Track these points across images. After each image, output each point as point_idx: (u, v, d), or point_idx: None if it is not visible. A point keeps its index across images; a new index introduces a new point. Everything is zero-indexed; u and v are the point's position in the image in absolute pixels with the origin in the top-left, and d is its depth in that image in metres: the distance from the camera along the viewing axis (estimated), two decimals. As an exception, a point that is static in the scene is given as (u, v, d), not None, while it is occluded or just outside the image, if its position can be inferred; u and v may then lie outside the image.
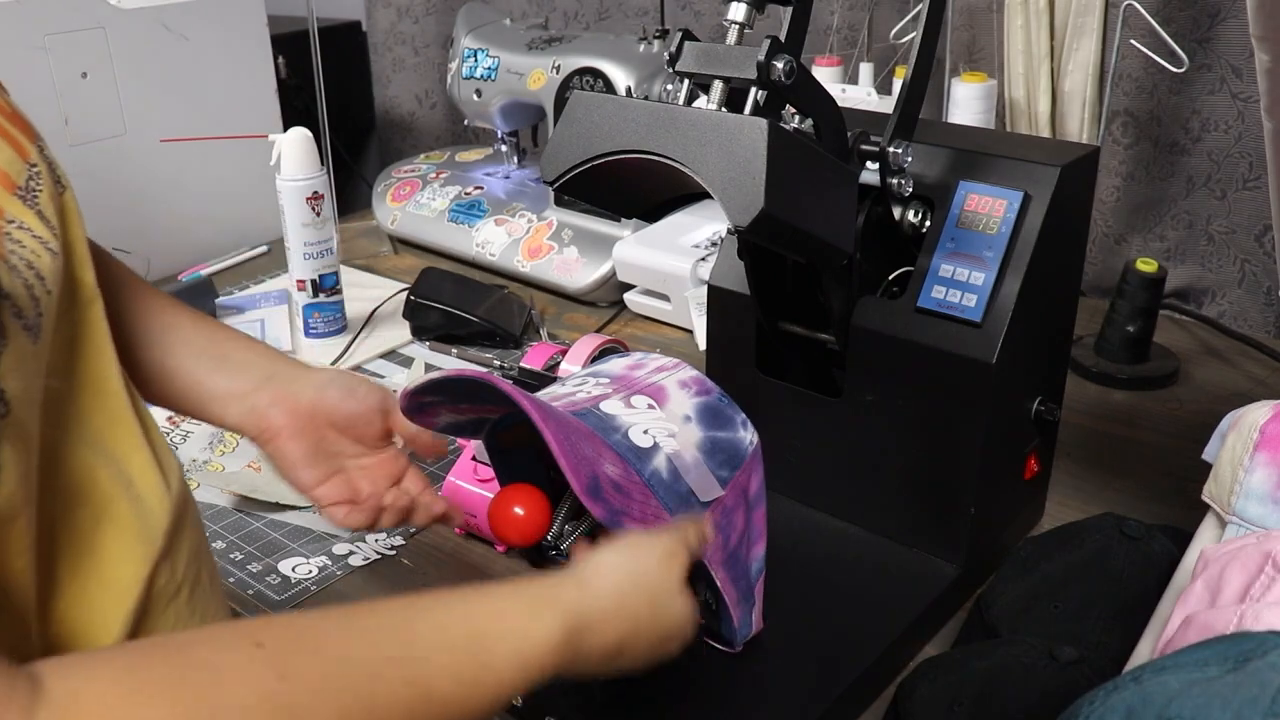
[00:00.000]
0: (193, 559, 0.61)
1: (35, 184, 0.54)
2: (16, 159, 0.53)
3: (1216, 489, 0.69)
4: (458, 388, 0.63)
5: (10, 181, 0.52)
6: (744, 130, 0.60)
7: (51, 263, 0.51)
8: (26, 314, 0.48)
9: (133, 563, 0.56)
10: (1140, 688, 0.47)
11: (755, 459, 0.70)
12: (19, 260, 0.49)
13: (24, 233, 0.50)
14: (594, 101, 0.66)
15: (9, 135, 0.54)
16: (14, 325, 0.46)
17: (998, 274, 0.74)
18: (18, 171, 0.53)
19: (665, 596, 0.58)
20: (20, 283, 0.48)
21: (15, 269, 0.48)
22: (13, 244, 0.49)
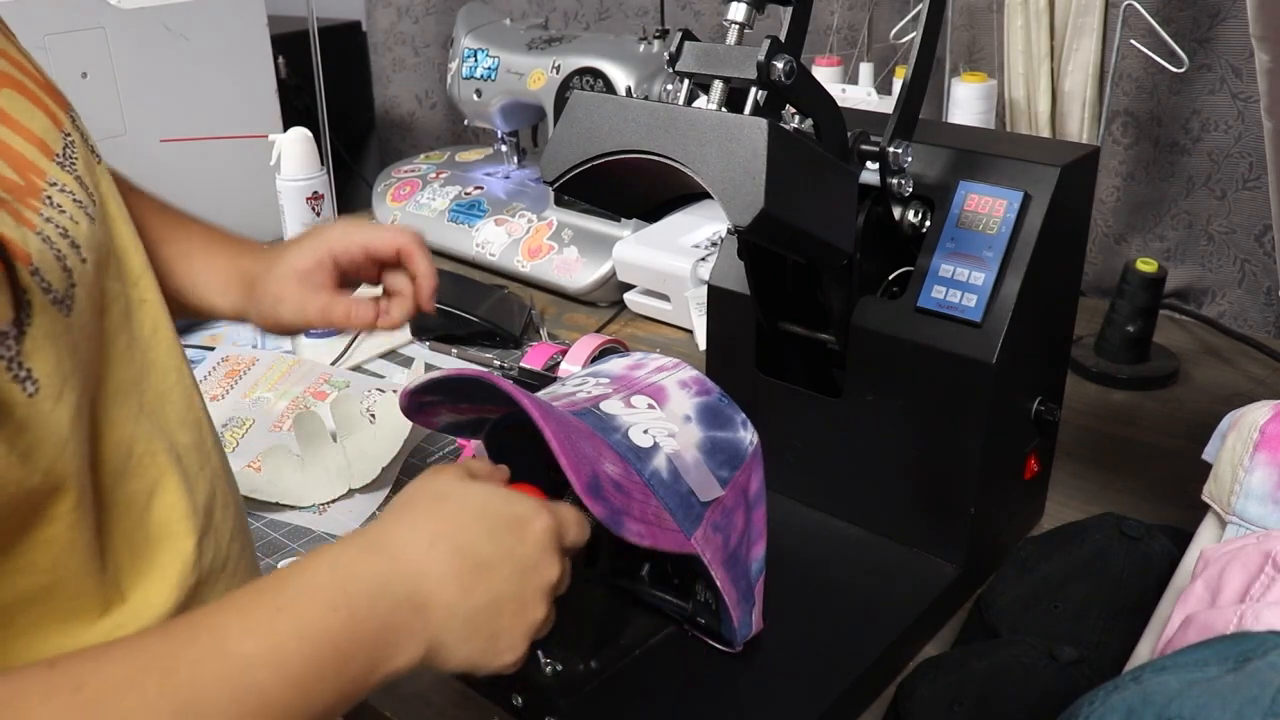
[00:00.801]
0: (236, 532, 0.62)
1: (71, 152, 0.54)
2: (52, 127, 0.54)
3: (1216, 489, 0.69)
4: (458, 387, 0.63)
5: (49, 148, 0.52)
6: (744, 130, 0.60)
7: (89, 228, 0.52)
8: (56, 287, 0.48)
9: (184, 535, 0.57)
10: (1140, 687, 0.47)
11: (755, 459, 0.70)
12: (53, 229, 0.49)
13: (65, 196, 0.51)
14: (594, 101, 0.66)
15: (44, 105, 0.55)
16: (42, 301, 0.47)
17: (998, 274, 0.74)
18: (54, 139, 0.54)
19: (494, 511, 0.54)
20: (52, 254, 0.48)
21: (48, 239, 0.48)
22: (50, 209, 0.49)
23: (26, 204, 0.48)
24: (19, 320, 0.45)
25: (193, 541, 0.57)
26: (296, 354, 1.23)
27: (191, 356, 1.20)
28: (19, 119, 0.52)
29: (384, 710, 0.73)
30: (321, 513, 0.95)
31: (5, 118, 0.51)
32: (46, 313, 0.47)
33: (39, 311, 0.46)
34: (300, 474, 0.97)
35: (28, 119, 0.52)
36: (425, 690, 0.75)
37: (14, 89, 0.53)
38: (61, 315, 0.48)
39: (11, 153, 0.50)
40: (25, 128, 0.52)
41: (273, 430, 1.04)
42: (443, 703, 0.74)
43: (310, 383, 1.11)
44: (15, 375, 0.45)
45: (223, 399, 1.10)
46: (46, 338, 0.47)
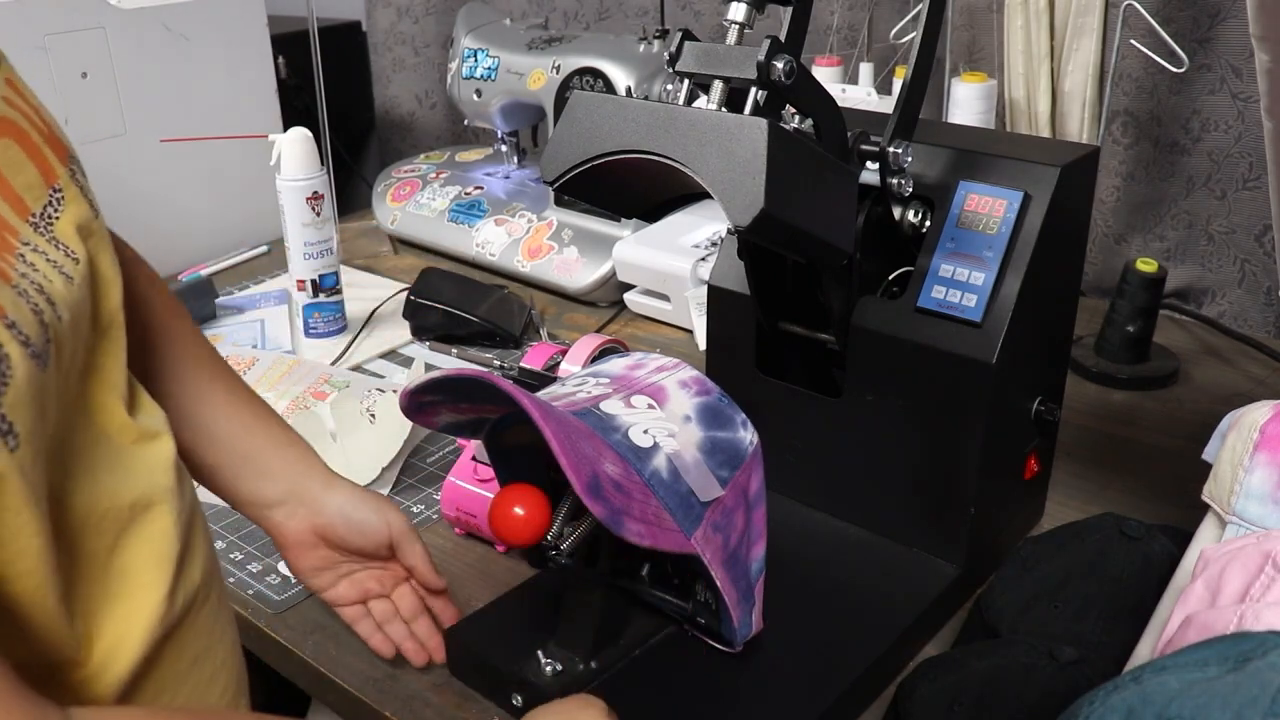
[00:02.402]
0: (210, 570, 0.61)
1: (53, 210, 0.53)
2: (40, 182, 0.53)
3: (1216, 489, 0.69)
4: (458, 387, 0.63)
5: (24, 207, 0.51)
6: (744, 130, 0.60)
7: (65, 287, 0.50)
8: (34, 341, 0.47)
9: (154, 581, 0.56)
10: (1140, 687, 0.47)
11: (755, 459, 0.70)
12: (29, 284, 0.48)
13: (37, 256, 0.50)
14: (594, 101, 0.66)
15: (40, 157, 0.53)
16: (20, 353, 0.46)
17: (998, 274, 0.74)
18: (36, 197, 0.52)
19: None
20: (28, 307, 0.47)
21: (24, 293, 0.47)
22: (24, 266, 0.48)
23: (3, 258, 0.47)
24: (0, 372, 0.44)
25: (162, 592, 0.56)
26: (296, 354, 1.23)
27: (191, 356, 1.20)
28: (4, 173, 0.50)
29: (384, 710, 0.73)
30: (321, 513, 0.95)
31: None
32: (26, 368, 0.46)
33: (17, 364, 0.45)
34: (300, 474, 0.97)
35: (14, 172, 0.51)
36: (425, 690, 0.75)
37: (13, 138, 0.51)
38: (39, 369, 0.47)
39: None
40: (6, 183, 0.50)
41: (273, 430, 1.04)
42: (443, 703, 0.74)
43: (310, 383, 1.11)
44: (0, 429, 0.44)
45: (223, 399, 1.10)
46: (27, 392, 0.46)
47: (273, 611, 0.84)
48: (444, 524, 0.92)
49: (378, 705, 0.74)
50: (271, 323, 1.30)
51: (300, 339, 1.26)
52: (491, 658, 0.73)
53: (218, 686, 0.59)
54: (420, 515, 0.95)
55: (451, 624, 0.76)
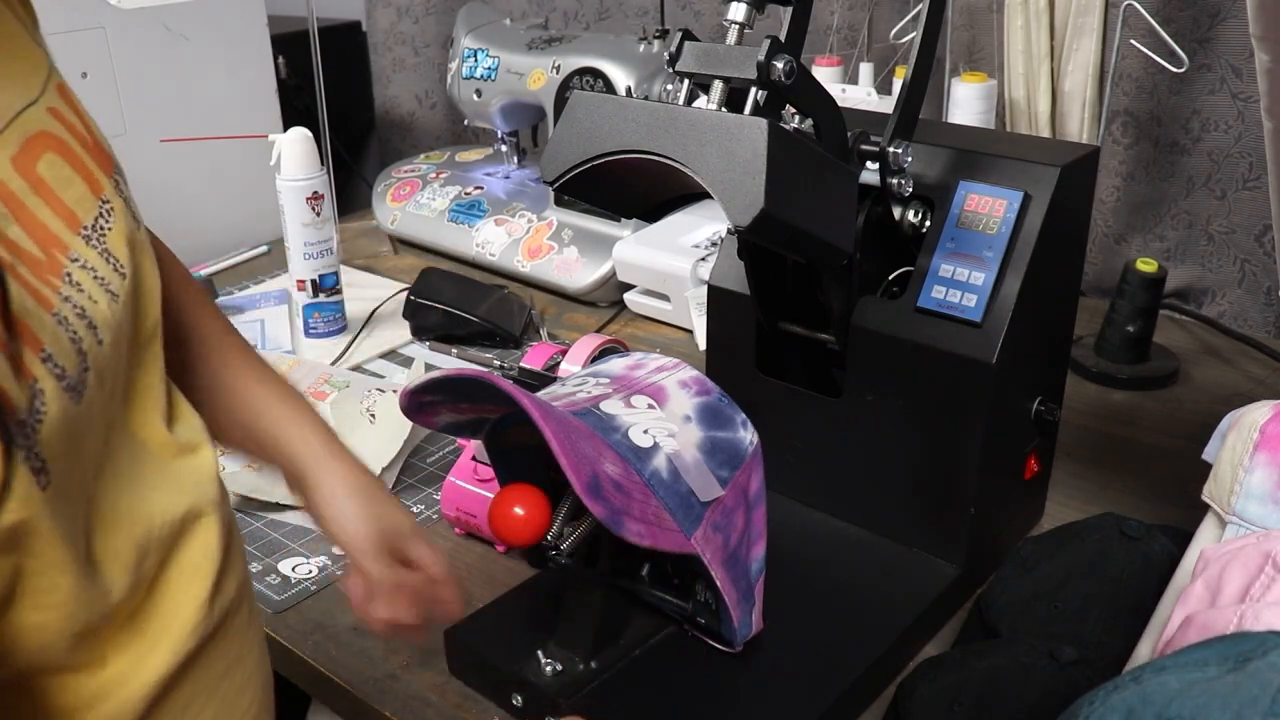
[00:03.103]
0: (244, 578, 0.61)
1: (104, 222, 0.52)
2: (89, 195, 0.52)
3: (1216, 489, 0.69)
4: (458, 387, 0.63)
5: (76, 220, 0.50)
6: (744, 130, 0.60)
7: (109, 307, 0.50)
8: (70, 374, 0.46)
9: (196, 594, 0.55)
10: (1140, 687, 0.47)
11: (755, 459, 0.70)
12: (70, 310, 0.47)
13: (85, 273, 0.49)
14: (594, 101, 0.66)
15: (85, 169, 0.52)
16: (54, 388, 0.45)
17: (998, 274, 0.74)
18: (87, 209, 0.51)
19: None
20: (67, 337, 0.46)
21: (65, 321, 0.47)
22: (70, 288, 0.48)
23: (46, 281, 0.47)
24: (33, 409, 0.43)
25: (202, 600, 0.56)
26: (296, 354, 1.23)
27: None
28: (54, 188, 0.50)
29: (384, 710, 0.73)
30: (321, 513, 0.95)
31: (41, 186, 0.49)
32: (59, 400, 0.45)
33: (51, 400, 0.44)
34: (300, 474, 0.97)
35: (63, 187, 0.50)
36: (425, 690, 0.75)
37: (57, 152, 0.51)
38: (74, 402, 0.46)
39: (38, 226, 0.48)
40: (58, 198, 0.50)
41: (273, 430, 1.04)
42: (443, 703, 0.74)
43: (310, 383, 1.11)
44: (32, 466, 0.43)
45: (223, 399, 1.10)
46: (61, 428, 0.45)
47: (272, 611, 0.84)
48: (444, 524, 0.92)
49: (378, 705, 0.74)
50: (271, 323, 1.30)
51: (300, 339, 1.26)
52: (491, 658, 0.73)
53: (246, 697, 0.60)
54: (420, 515, 0.95)
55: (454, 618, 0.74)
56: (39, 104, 0.51)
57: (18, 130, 0.49)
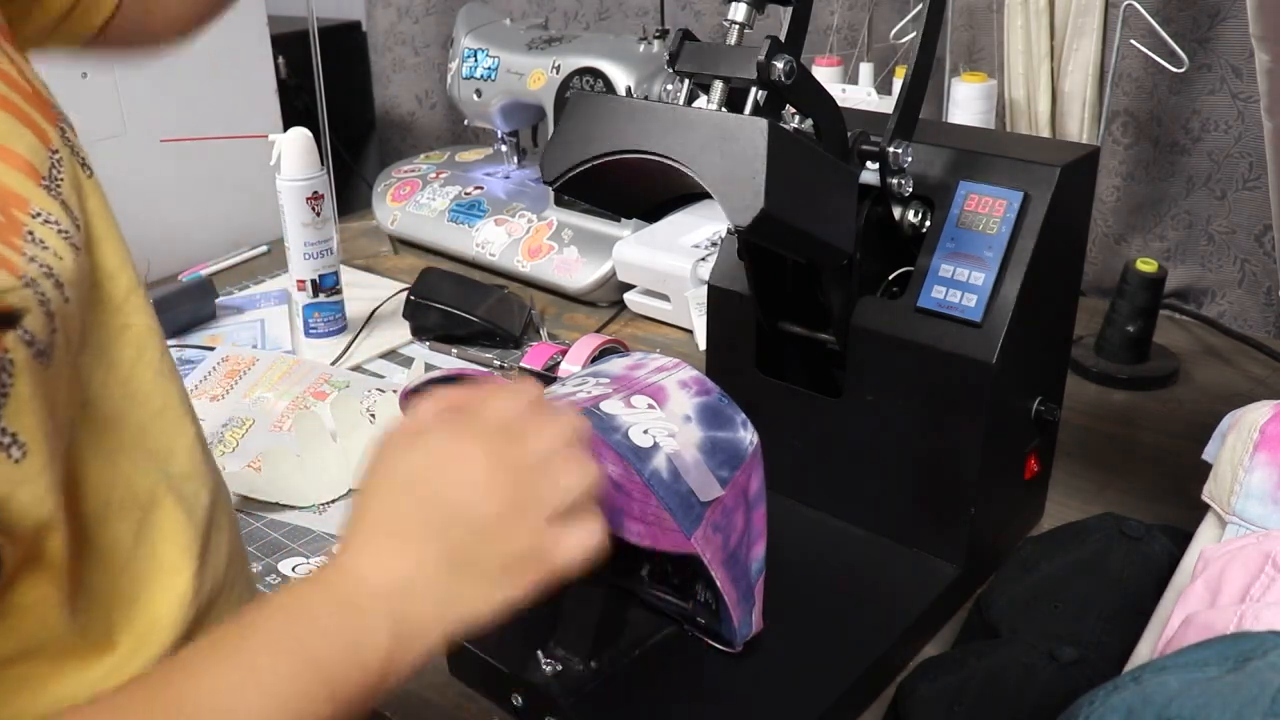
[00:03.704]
0: (233, 555, 0.60)
1: (58, 171, 0.50)
2: (39, 146, 0.50)
3: (1216, 489, 0.69)
4: None
5: (35, 170, 0.48)
6: (744, 130, 0.60)
7: (74, 261, 0.48)
8: (39, 338, 0.44)
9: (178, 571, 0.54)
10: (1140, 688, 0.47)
11: (755, 459, 0.70)
12: (38, 269, 0.45)
13: (48, 228, 0.47)
14: (594, 101, 0.66)
15: (29, 120, 0.50)
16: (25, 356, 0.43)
17: (998, 274, 0.74)
18: (41, 160, 0.49)
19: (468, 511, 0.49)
20: (36, 300, 0.45)
21: (33, 282, 0.45)
22: (34, 247, 0.46)
23: (10, 244, 0.45)
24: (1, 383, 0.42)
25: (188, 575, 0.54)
26: (296, 354, 1.23)
27: (191, 357, 1.20)
28: (5, 142, 0.48)
29: (384, 710, 0.73)
30: (321, 513, 0.95)
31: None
32: (29, 369, 0.43)
33: (21, 370, 0.43)
34: (300, 474, 0.97)
35: (14, 140, 0.48)
36: (425, 690, 0.75)
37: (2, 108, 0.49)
38: (43, 367, 0.45)
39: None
40: (12, 151, 0.48)
41: (273, 430, 1.04)
42: (443, 703, 0.74)
43: (310, 383, 1.11)
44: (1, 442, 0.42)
45: (223, 399, 1.10)
46: (31, 397, 0.43)
47: (273, 611, 0.84)
48: (444, 524, 0.92)
49: (378, 705, 0.74)
50: (271, 323, 1.30)
51: (300, 339, 1.26)
52: (491, 657, 0.73)
53: None
54: (420, 515, 0.95)
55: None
56: None
57: None
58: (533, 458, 0.50)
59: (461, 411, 0.52)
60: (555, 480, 0.51)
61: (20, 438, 0.43)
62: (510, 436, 0.51)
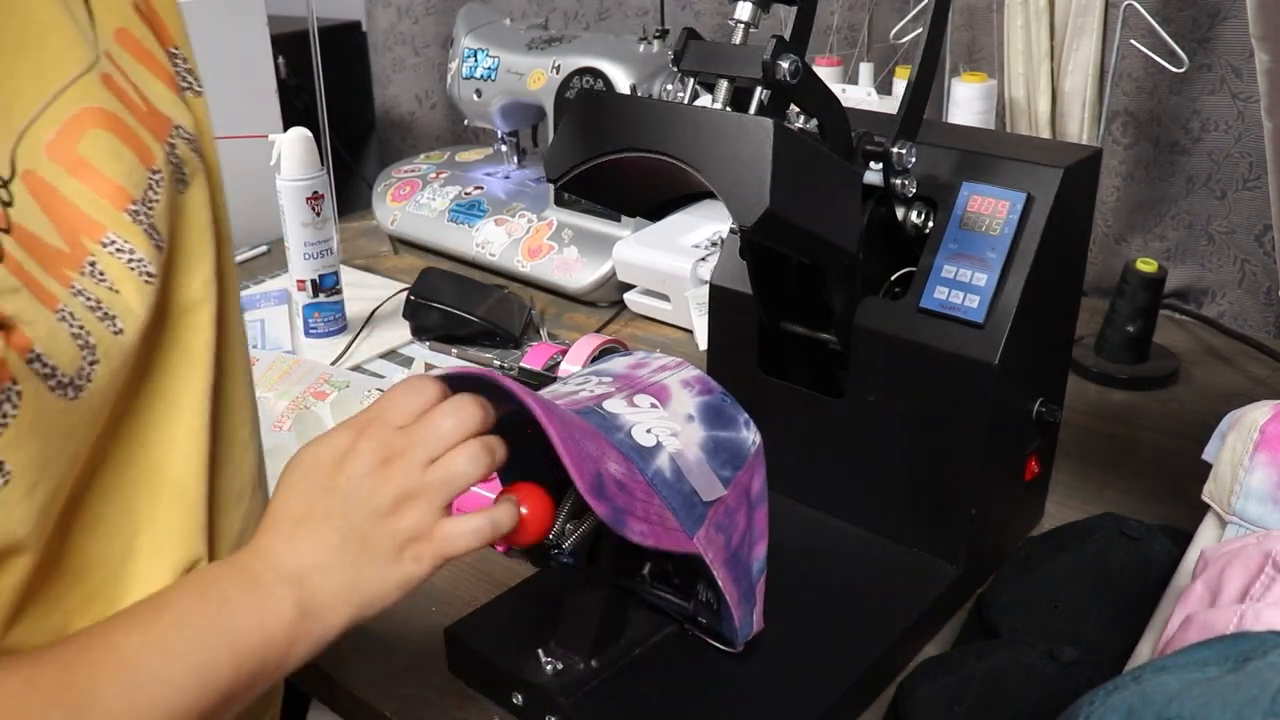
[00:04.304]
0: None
1: (153, 193, 0.51)
2: (139, 167, 0.51)
3: (1216, 489, 0.69)
4: (460, 385, 0.63)
5: (125, 196, 0.50)
6: (749, 130, 0.59)
7: (139, 291, 0.49)
8: (63, 370, 0.45)
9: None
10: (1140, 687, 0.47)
11: (758, 459, 0.70)
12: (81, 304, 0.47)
13: (116, 258, 0.49)
14: (598, 99, 0.66)
15: (135, 140, 0.51)
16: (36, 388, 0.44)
17: (1000, 275, 0.74)
18: (137, 182, 0.51)
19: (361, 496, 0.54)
20: (68, 333, 0.46)
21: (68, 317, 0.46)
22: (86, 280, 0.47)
23: (58, 275, 0.46)
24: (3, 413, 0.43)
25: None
26: (296, 354, 1.23)
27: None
28: (98, 165, 0.49)
29: (384, 710, 0.73)
30: (322, 512, 0.95)
31: (81, 166, 0.48)
32: (40, 402, 0.45)
33: (28, 403, 0.44)
34: (301, 474, 0.97)
35: (110, 162, 0.49)
36: (425, 690, 0.75)
37: (105, 126, 0.50)
38: (62, 400, 0.46)
39: (71, 212, 0.48)
40: (104, 175, 0.49)
41: (273, 430, 1.04)
42: (443, 703, 0.74)
43: (310, 383, 1.11)
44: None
45: (223, 399, 1.10)
46: (32, 428, 0.44)
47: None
48: (444, 524, 0.92)
49: (378, 705, 0.74)
50: (271, 323, 1.30)
51: (300, 339, 1.26)
52: (491, 657, 0.73)
53: None
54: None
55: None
56: (89, 76, 0.50)
57: (56, 112, 0.48)
58: (425, 449, 0.55)
59: (363, 413, 0.57)
60: (446, 468, 0.56)
61: (7, 466, 0.44)
62: (405, 431, 0.56)
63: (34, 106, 0.48)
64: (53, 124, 0.48)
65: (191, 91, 0.58)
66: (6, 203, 0.45)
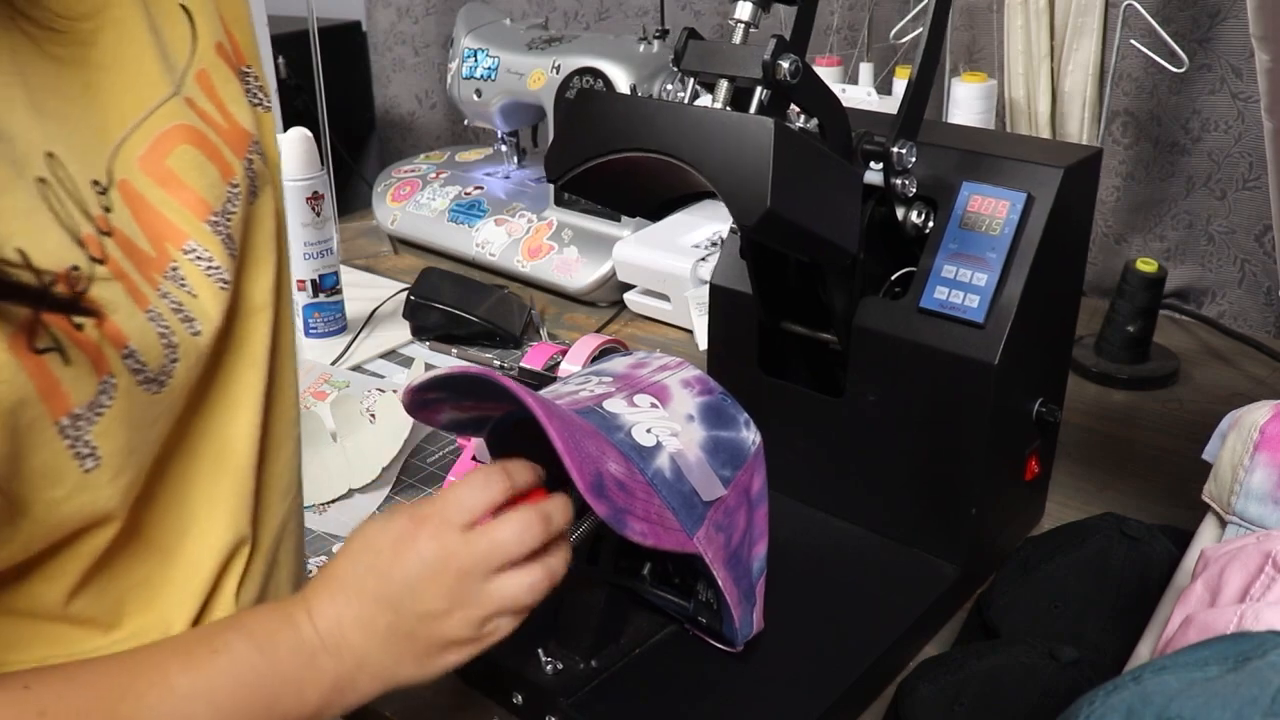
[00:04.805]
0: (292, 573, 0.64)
1: (231, 206, 0.55)
2: (219, 181, 0.55)
3: (1216, 489, 0.69)
4: (461, 384, 0.63)
5: (206, 207, 0.53)
6: (750, 129, 0.59)
7: (214, 297, 0.53)
8: (150, 367, 0.49)
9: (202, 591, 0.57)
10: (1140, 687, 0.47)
11: (758, 459, 0.70)
12: (167, 305, 0.50)
13: (196, 265, 0.52)
14: (599, 99, 0.66)
15: (218, 155, 0.55)
16: (129, 383, 0.48)
17: (1000, 275, 0.74)
18: (218, 195, 0.54)
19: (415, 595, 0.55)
20: (155, 332, 0.49)
21: (157, 317, 0.49)
22: (170, 284, 0.51)
23: (148, 278, 0.50)
24: (96, 404, 0.46)
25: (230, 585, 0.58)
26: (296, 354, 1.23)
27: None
28: (184, 178, 0.53)
29: (384, 710, 0.73)
30: (321, 513, 0.95)
31: (169, 179, 0.52)
32: (131, 395, 0.48)
33: (122, 395, 0.47)
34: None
35: (196, 175, 0.53)
36: (425, 691, 0.75)
37: (191, 142, 0.53)
38: (148, 393, 0.49)
39: (158, 220, 0.51)
40: (188, 188, 0.53)
41: (273, 430, 1.04)
42: (443, 703, 0.74)
43: (310, 383, 1.11)
44: (77, 453, 0.46)
45: (223, 398, 1.10)
46: (123, 418, 0.48)
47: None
48: (444, 524, 0.92)
49: (378, 705, 0.74)
50: (272, 322, 1.30)
51: (300, 339, 1.26)
52: (491, 655, 0.72)
53: None
54: (421, 515, 0.95)
55: None
56: (176, 98, 0.54)
57: (148, 129, 0.52)
58: (486, 564, 0.56)
59: (427, 502, 0.58)
60: (503, 591, 0.57)
61: (99, 452, 0.47)
62: (467, 540, 0.56)
63: (129, 121, 0.52)
64: (146, 138, 0.52)
65: (262, 107, 0.61)
66: (107, 209, 0.49)
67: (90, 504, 0.48)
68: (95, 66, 0.51)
